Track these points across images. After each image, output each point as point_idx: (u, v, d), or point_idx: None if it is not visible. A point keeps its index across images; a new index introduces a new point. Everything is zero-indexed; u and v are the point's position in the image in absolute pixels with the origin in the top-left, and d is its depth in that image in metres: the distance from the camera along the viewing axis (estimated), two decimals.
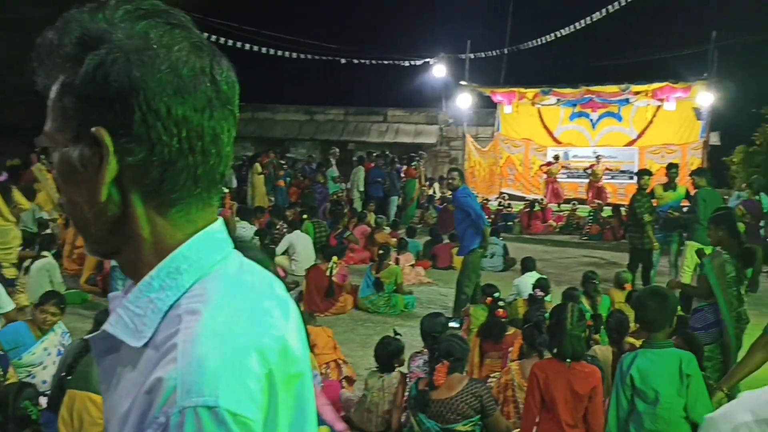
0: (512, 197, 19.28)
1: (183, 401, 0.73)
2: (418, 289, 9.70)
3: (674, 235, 9.29)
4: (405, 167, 17.47)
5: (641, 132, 20.16)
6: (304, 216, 11.89)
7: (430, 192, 18.62)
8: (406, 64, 21.15)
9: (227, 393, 0.74)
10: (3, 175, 12.11)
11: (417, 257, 11.15)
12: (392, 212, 16.06)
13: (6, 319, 5.64)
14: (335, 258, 8.72)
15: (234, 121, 0.91)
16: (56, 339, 5.34)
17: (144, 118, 0.80)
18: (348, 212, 13.93)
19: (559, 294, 6.68)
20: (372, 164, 16.85)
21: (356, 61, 20.67)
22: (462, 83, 19.85)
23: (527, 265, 8.27)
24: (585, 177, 19.19)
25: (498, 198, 19.22)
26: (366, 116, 24.24)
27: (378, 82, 25.21)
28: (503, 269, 11.50)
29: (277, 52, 19.01)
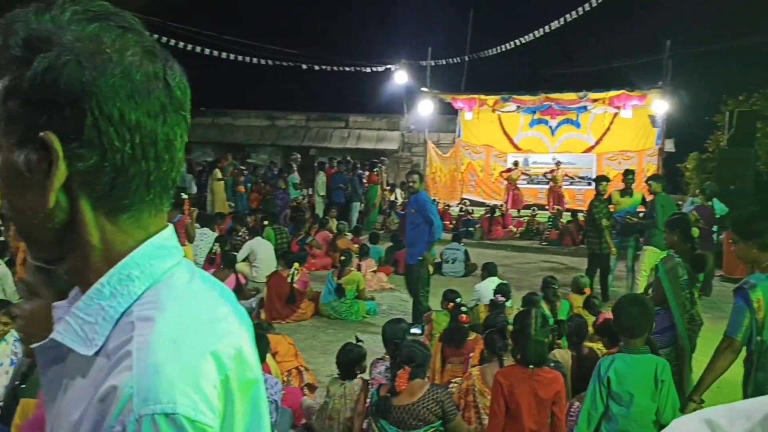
0: (473, 203, 19.46)
1: (139, 409, 0.71)
2: (380, 295, 9.70)
3: (631, 240, 9.47)
4: (367, 173, 17.49)
5: (599, 139, 20.57)
6: (265, 222, 11.80)
7: (392, 198, 18.67)
8: (368, 71, 21.19)
9: (184, 399, 0.73)
10: None
11: (379, 263, 11.16)
12: (354, 218, 16.05)
13: None
14: (297, 264, 8.67)
15: (186, 127, 0.89)
16: (8, 349, 5.19)
17: (96, 123, 0.78)
18: (310, 218, 13.88)
19: (520, 299, 6.74)
20: (334, 170, 16.82)
21: (318, 67, 20.62)
22: (423, 90, 19.98)
23: (490, 270, 8.32)
24: (545, 183, 19.47)
25: (459, 204, 19.36)
26: (328, 122, 24.21)
27: (340, 88, 25.19)
28: (464, 274, 11.58)
29: (238, 57, 18.84)
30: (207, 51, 18.11)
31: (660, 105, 17.34)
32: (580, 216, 15.03)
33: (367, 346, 5.29)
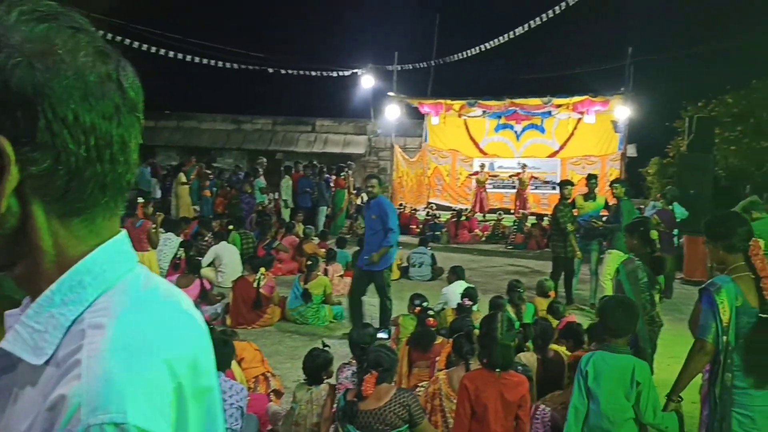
0: (440, 207, 19.59)
1: (88, 419, 0.70)
2: (347, 300, 9.65)
3: (594, 244, 9.59)
4: (334, 177, 17.45)
5: (563, 144, 20.88)
6: (230, 227, 11.70)
7: (359, 202, 18.64)
8: (335, 75, 21.18)
9: (135, 409, 0.72)
10: None
11: (346, 268, 11.11)
12: (321, 222, 16.00)
13: None
14: (263, 269, 8.61)
15: (140, 128, 0.87)
16: None
17: (49, 126, 0.76)
18: (276, 223, 13.80)
19: (486, 302, 6.78)
20: (300, 174, 16.76)
21: (284, 71, 20.54)
22: (390, 94, 20.04)
23: (458, 274, 8.32)
24: (511, 187, 19.67)
25: (426, 208, 19.46)
26: (294, 126, 24.12)
27: (307, 92, 25.19)
28: (431, 278, 11.63)
29: (203, 61, 18.67)
30: (172, 54, 17.91)
31: (622, 111, 17.66)
32: (545, 220, 15.21)
33: (334, 351, 5.26)
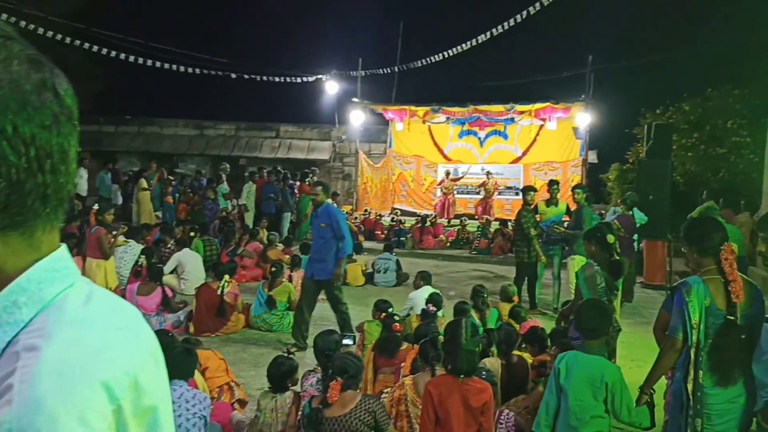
0: (404, 213, 19.63)
1: None
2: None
3: (556, 249, 9.71)
4: (298, 183, 17.38)
5: (526, 150, 21.15)
6: (192, 233, 11.56)
7: None
8: (299, 80, 21.09)
9: None
10: None
11: None
12: (285, 229, 15.92)
13: None
14: (227, 276, 8.52)
15: (78, 136, 0.85)
16: None
17: None
18: (239, 229, 13.68)
19: (451, 307, 6.82)
20: (264, 180, 16.65)
21: (248, 77, 20.38)
22: (354, 100, 20.06)
23: (425, 279, 8.27)
24: (474, 193, 19.84)
25: (391, 214, 19.49)
26: (258, 131, 23.96)
27: (270, 98, 25.01)
28: (396, 284, 11.65)
29: (165, 65, 18.41)
30: (133, 58, 17.63)
31: (583, 117, 17.96)
32: (509, 225, 15.36)
33: (299, 358, 5.25)
